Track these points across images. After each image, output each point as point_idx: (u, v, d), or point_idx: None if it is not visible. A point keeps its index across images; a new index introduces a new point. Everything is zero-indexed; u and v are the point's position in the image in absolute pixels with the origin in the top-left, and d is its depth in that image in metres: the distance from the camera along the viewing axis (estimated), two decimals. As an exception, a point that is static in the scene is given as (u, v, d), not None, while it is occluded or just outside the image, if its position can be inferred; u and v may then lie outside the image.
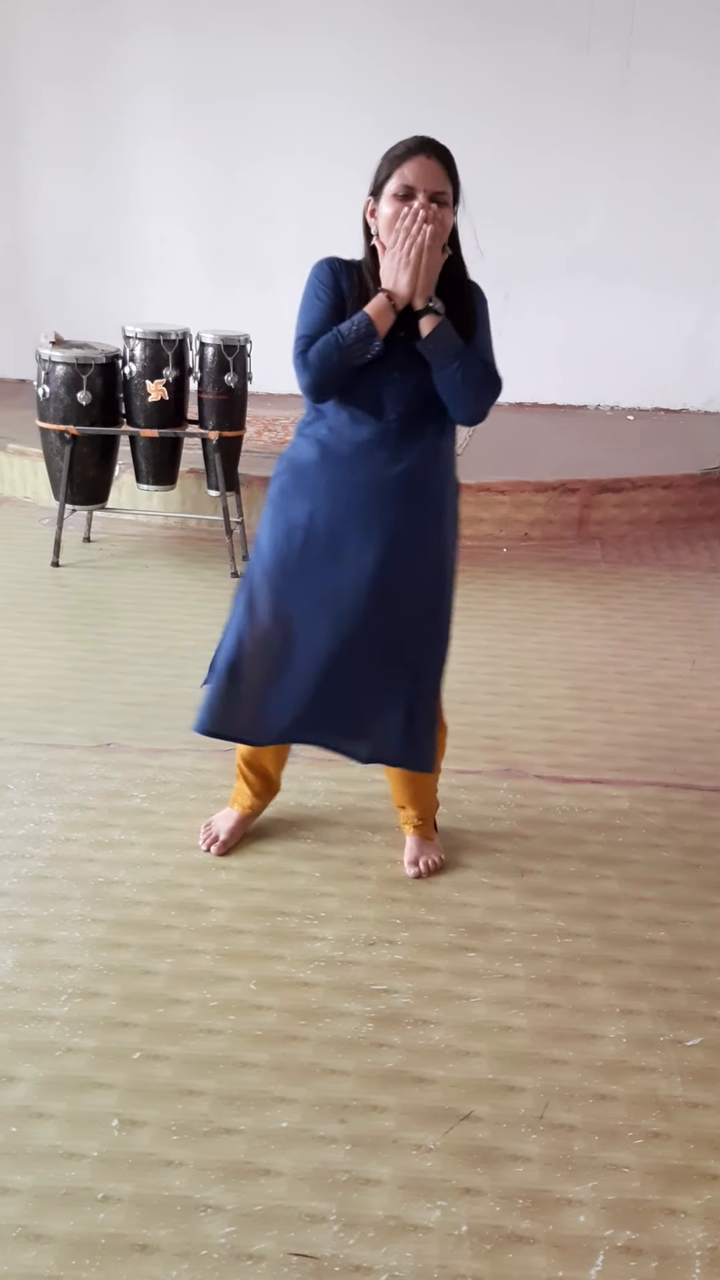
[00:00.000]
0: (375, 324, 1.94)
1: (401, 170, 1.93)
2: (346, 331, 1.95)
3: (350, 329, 1.95)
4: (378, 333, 1.94)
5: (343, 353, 1.95)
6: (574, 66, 5.70)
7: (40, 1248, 1.52)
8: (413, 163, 1.92)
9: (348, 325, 1.95)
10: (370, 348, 1.95)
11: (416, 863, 2.39)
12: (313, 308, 2.02)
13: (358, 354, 1.95)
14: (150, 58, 5.81)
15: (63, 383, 3.93)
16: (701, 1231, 1.59)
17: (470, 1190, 1.64)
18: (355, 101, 5.65)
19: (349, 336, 1.95)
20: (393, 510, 2.05)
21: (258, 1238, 1.55)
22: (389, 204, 1.94)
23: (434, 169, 1.93)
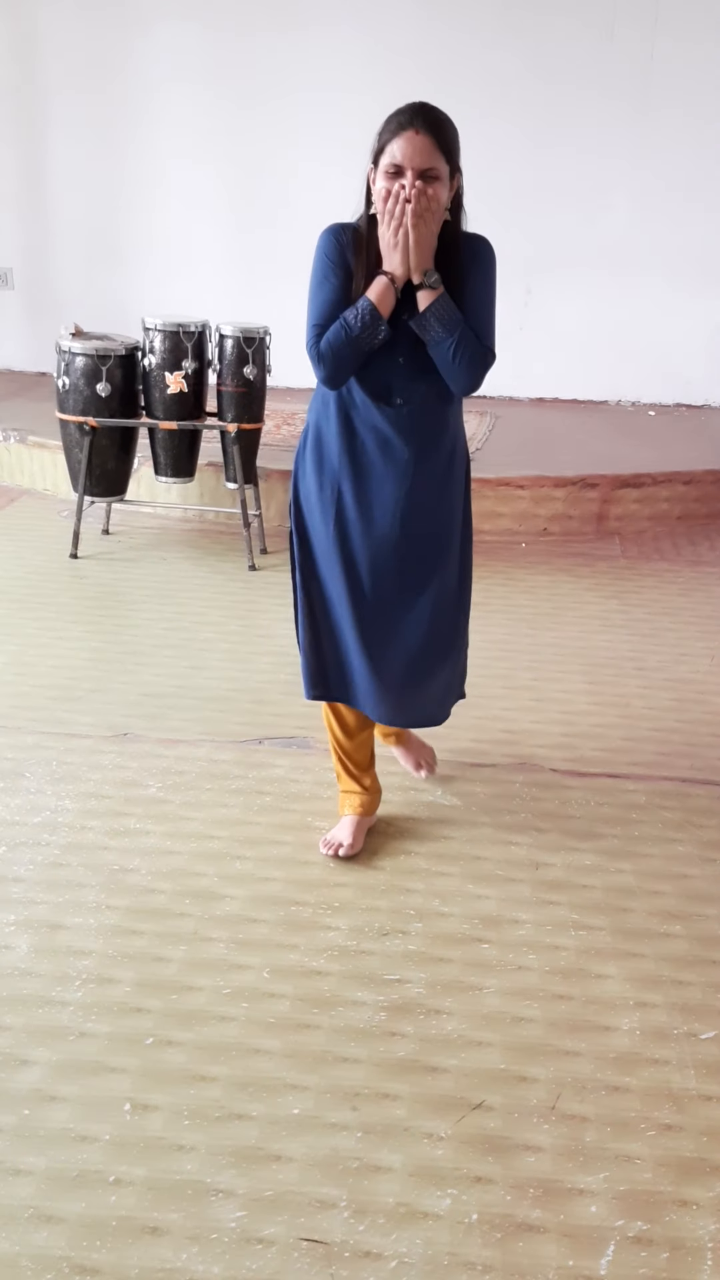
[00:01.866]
0: (379, 308, 1.97)
1: (391, 147, 1.91)
2: (353, 321, 1.98)
3: (356, 318, 1.98)
4: (383, 317, 1.97)
5: (353, 342, 1.98)
6: (597, 57, 5.66)
7: (52, 1229, 1.53)
8: (401, 140, 1.90)
9: (353, 314, 1.98)
10: (378, 333, 1.98)
11: (419, 763, 2.65)
12: (322, 290, 2.03)
13: (366, 341, 1.98)
14: (172, 50, 5.82)
15: (82, 374, 3.95)
16: (714, 1223, 1.58)
17: (481, 1179, 1.64)
18: (377, 93, 5.60)
19: (356, 326, 1.97)
20: (409, 487, 2.13)
21: (268, 1222, 1.55)
22: (382, 178, 1.94)
23: (423, 145, 1.89)
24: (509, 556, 4.35)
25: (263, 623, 3.66)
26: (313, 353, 2.01)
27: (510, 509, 4.57)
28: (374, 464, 2.11)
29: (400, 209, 1.91)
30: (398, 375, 2.05)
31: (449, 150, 1.93)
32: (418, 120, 1.89)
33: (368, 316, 1.97)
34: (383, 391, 2.06)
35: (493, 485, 4.45)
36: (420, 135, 1.89)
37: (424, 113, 1.91)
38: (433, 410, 2.10)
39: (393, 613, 2.20)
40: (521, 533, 4.59)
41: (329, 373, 2.01)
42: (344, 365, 2.01)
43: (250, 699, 3.11)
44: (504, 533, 4.55)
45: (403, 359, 2.04)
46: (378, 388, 2.06)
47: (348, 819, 2.43)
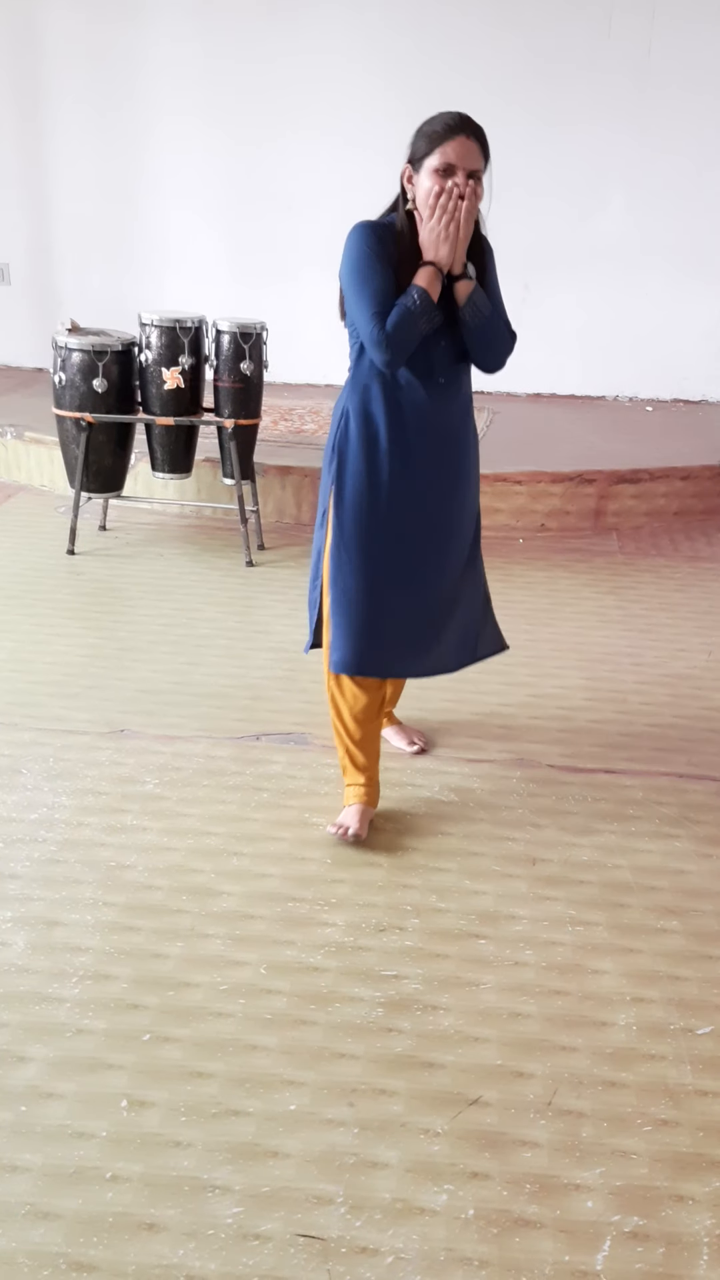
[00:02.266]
0: (430, 294, 2.13)
1: (444, 149, 2.08)
2: (414, 308, 2.12)
3: (415, 305, 2.12)
4: (434, 303, 2.14)
5: (416, 328, 2.13)
6: (595, 50, 5.64)
7: (49, 1225, 1.53)
8: (454, 143, 2.08)
9: (410, 300, 2.12)
10: (434, 318, 2.15)
11: (414, 741, 2.81)
12: (373, 279, 2.15)
13: (425, 326, 2.14)
14: (170, 44, 5.81)
15: (79, 370, 3.94)
16: (710, 1218, 1.59)
17: (478, 1175, 1.64)
18: (375, 88, 5.62)
19: (416, 312, 2.12)
20: (450, 456, 2.33)
21: (265, 1218, 1.56)
22: (429, 178, 2.10)
23: (473, 149, 2.09)
24: (506, 552, 4.35)
25: (260, 619, 3.66)
26: (379, 337, 2.13)
27: (507, 505, 4.56)
28: (420, 437, 2.27)
29: (454, 205, 2.09)
30: (440, 356, 2.23)
31: (487, 155, 2.14)
32: (467, 127, 2.10)
33: (422, 303, 2.12)
34: (428, 371, 2.23)
35: (490, 481, 4.44)
36: (470, 140, 2.09)
37: (470, 121, 2.11)
38: (463, 388, 2.33)
39: (434, 568, 2.38)
40: (519, 528, 4.59)
41: (393, 355, 2.15)
42: (405, 349, 2.15)
43: (248, 695, 3.11)
44: (501, 528, 4.55)
45: (444, 342, 2.22)
46: (424, 367, 2.23)
47: (355, 807, 2.46)
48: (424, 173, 2.11)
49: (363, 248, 2.16)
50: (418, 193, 2.13)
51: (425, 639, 2.42)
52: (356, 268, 2.16)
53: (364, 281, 2.15)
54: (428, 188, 2.11)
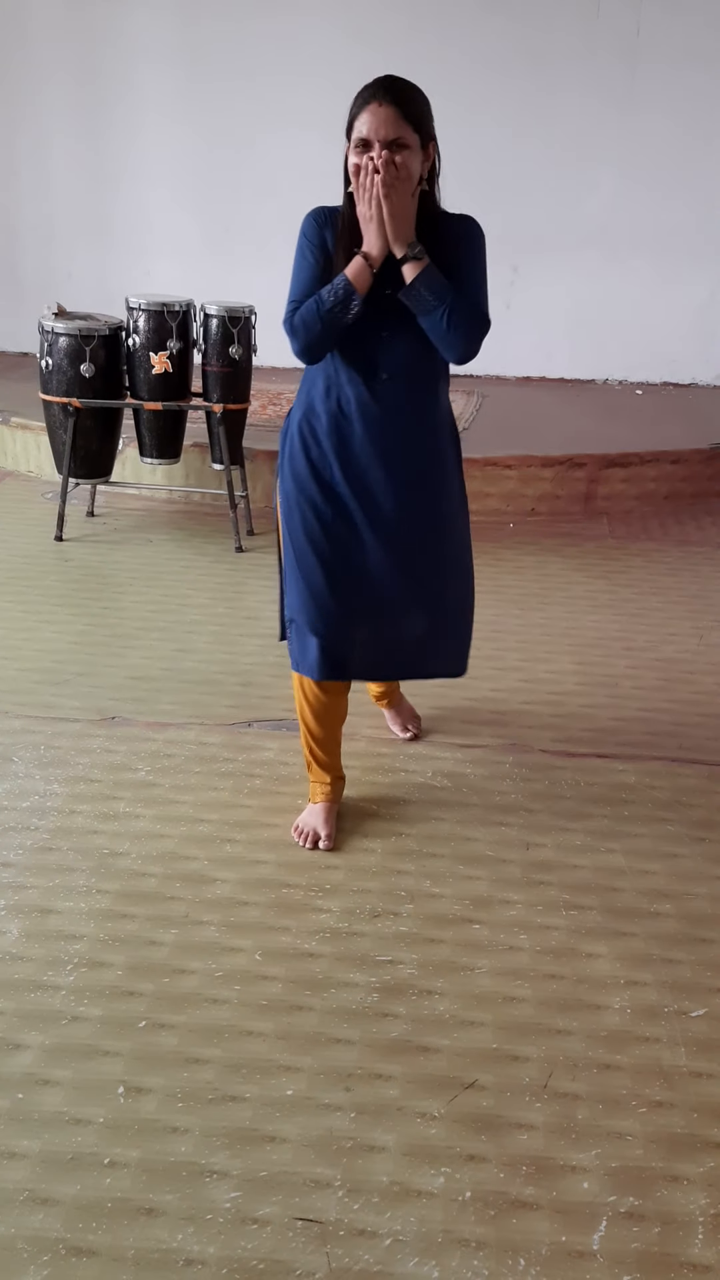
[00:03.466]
0: (354, 283, 1.98)
1: (357, 122, 1.93)
2: (326, 295, 1.99)
3: (329, 293, 1.99)
4: (357, 291, 1.98)
5: (324, 316, 1.99)
6: (583, 35, 5.61)
7: (47, 1211, 1.54)
8: (365, 113, 1.92)
9: (328, 289, 1.99)
10: (350, 308, 1.98)
11: (405, 726, 2.75)
12: (301, 270, 2.06)
13: (339, 315, 1.99)
14: (153, 30, 5.74)
15: (65, 355, 3.91)
16: (704, 1198, 1.60)
17: (474, 1157, 1.65)
18: (359, 70, 5.56)
19: (328, 300, 1.99)
20: (401, 457, 2.16)
21: (263, 1202, 1.56)
22: (353, 154, 1.96)
23: (388, 116, 1.90)
24: (496, 537, 4.35)
25: (250, 604, 3.65)
26: (286, 326, 2.04)
27: (497, 489, 4.56)
28: (363, 438, 2.13)
29: (370, 181, 1.92)
30: (382, 349, 2.07)
31: (417, 119, 1.93)
32: (380, 92, 1.90)
33: (340, 291, 1.98)
34: (368, 366, 2.08)
35: (480, 465, 4.44)
36: (384, 106, 1.89)
37: (387, 84, 1.92)
38: (420, 384, 2.13)
39: (393, 582, 2.24)
40: (509, 513, 4.59)
41: (301, 345, 2.04)
42: (315, 339, 2.02)
43: (238, 681, 3.11)
44: (491, 513, 4.54)
45: (386, 333, 2.06)
46: (362, 363, 2.08)
47: (319, 807, 2.40)
48: (350, 149, 1.97)
49: (300, 237, 2.08)
50: (351, 172, 1.99)
51: (373, 644, 2.30)
52: (294, 258, 2.08)
53: (294, 271, 2.08)
54: (351, 165, 1.97)
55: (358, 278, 1.99)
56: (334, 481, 2.17)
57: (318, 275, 2.04)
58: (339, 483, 2.17)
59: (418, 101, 1.94)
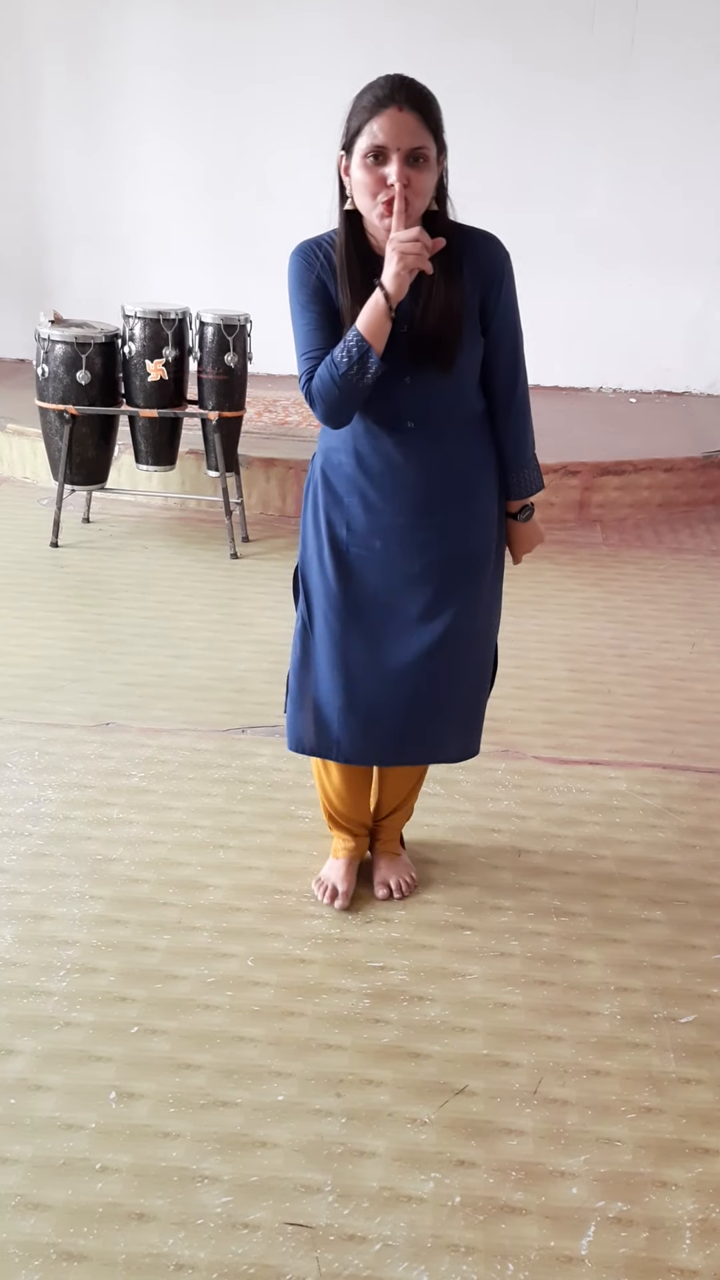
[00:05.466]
0: (369, 338, 1.72)
1: (370, 126, 1.66)
2: (340, 357, 1.73)
3: (343, 354, 1.73)
4: (373, 350, 1.72)
5: (341, 382, 1.74)
6: (578, 45, 5.65)
7: (39, 1216, 1.54)
8: (383, 118, 1.64)
9: (341, 349, 1.74)
10: (368, 367, 1.73)
11: (386, 883, 2.25)
12: (303, 323, 1.82)
13: (357, 377, 1.73)
14: (152, 36, 5.77)
15: (62, 362, 3.92)
16: (692, 1204, 1.61)
17: (464, 1163, 1.66)
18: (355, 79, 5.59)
19: (342, 363, 1.73)
20: (431, 516, 1.91)
21: (253, 1207, 1.57)
22: (361, 168, 1.69)
23: (409, 123, 1.64)
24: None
25: (245, 611, 3.66)
26: (303, 391, 1.81)
27: (492, 497, 4.57)
28: (386, 494, 1.90)
29: (412, 243, 1.65)
30: (405, 396, 1.83)
31: (436, 126, 1.69)
32: (400, 95, 1.64)
33: (354, 350, 1.72)
34: (390, 415, 1.84)
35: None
36: (404, 112, 1.64)
37: (406, 86, 1.66)
38: (449, 432, 1.88)
39: (403, 648, 1.98)
40: (503, 520, 4.60)
41: (324, 415, 1.81)
42: (337, 406, 1.78)
43: (232, 688, 3.12)
44: (486, 520, 4.55)
45: (409, 378, 1.81)
46: (383, 411, 1.84)
47: (341, 862, 2.25)
48: (356, 161, 1.69)
49: (290, 284, 1.83)
50: (354, 188, 1.72)
51: (381, 728, 2.03)
52: (290, 307, 1.83)
53: (295, 323, 1.83)
54: (361, 180, 1.70)
55: (372, 330, 1.71)
56: (351, 542, 1.94)
57: (324, 324, 1.80)
58: (358, 543, 1.94)
59: (435, 105, 1.70)
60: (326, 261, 1.81)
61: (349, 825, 2.26)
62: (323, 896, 2.24)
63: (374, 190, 1.69)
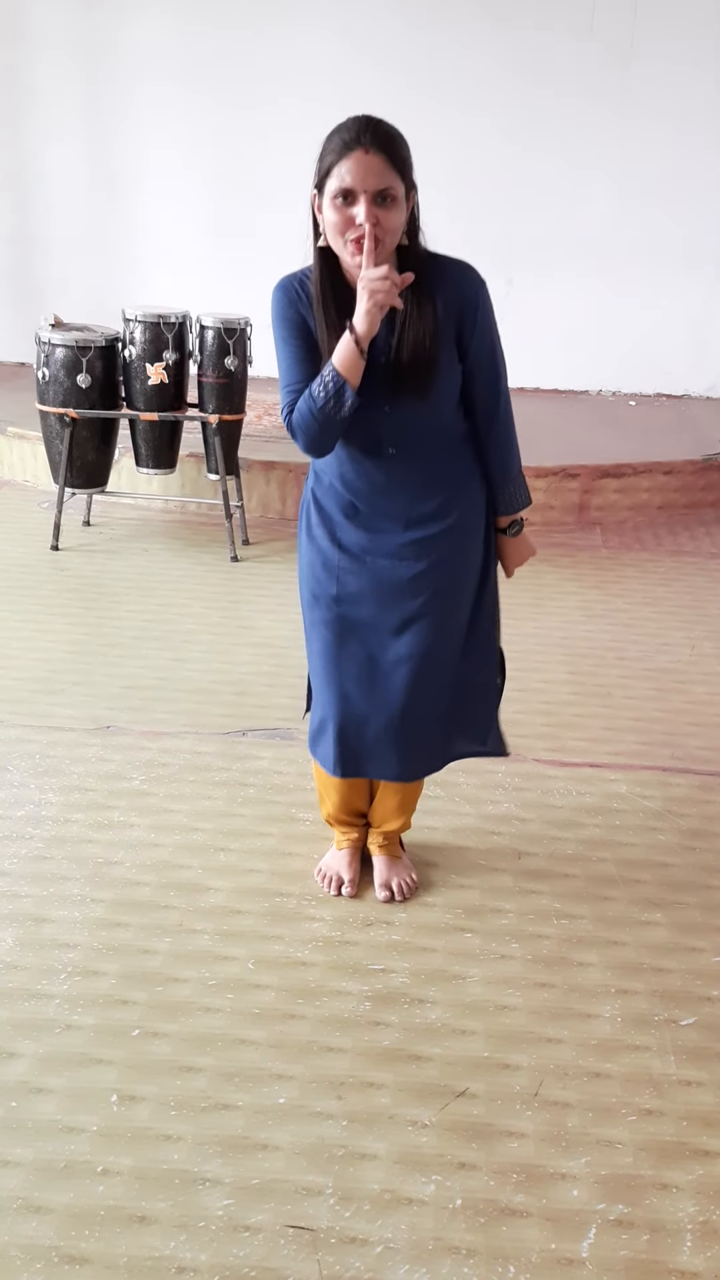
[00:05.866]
0: (343, 374, 1.77)
1: (338, 169, 1.70)
2: (317, 392, 1.79)
3: (320, 389, 1.79)
4: (348, 385, 1.77)
5: (319, 415, 1.80)
6: (577, 50, 5.66)
7: (40, 1219, 1.54)
8: (349, 160, 1.69)
9: (318, 384, 1.79)
10: (344, 402, 1.78)
11: (388, 885, 2.26)
12: (286, 356, 1.87)
13: (334, 411, 1.79)
14: (153, 41, 5.78)
15: (62, 366, 3.93)
16: (693, 1206, 1.61)
17: (465, 1165, 1.66)
18: (356, 86, 5.61)
19: (320, 398, 1.79)
20: (416, 539, 1.96)
21: (255, 1210, 1.57)
22: (331, 208, 1.73)
23: (375, 164, 1.68)
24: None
25: (245, 614, 3.66)
26: (285, 422, 1.87)
27: (492, 500, 4.57)
28: (369, 515, 1.96)
29: (372, 244, 1.71)
30: (384, 424, 1.87)
31: (403, 167, 1.73)
32: (365, 136, 1.68)
33: (331, 386, 1.77)
34: (372, 443, 1.89)
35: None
36: (370, 154, 1.68)
37: (371, 127, 1.70)
38: (428, 455, 1.92)
39: (391, 659, 2.03)
40: (503, 523, 4.60)
41: (305, 446, 1.86)
42: (317, 438, 1.83)
43: (233, 691, 3.12)
44: (485, 523, 4.55)
45: (388, 407, 1.85)
46: (367, 439, 1.89)
47: (344, 852, 2.30)
48: (326, 201, 1.74)
49: (273, 318, 1.88)
50: (326, 227, 1.76)
51: (374, 744, 2.10)
52: (274, 337, 1.89)
53: (279, 356, 1.89)
54: (330, 220, 1.74)
55: (346, 366, 1.76)
56: (342, 560, 1.99)
57: (305, 356, 1.85)
58: (349, 560, 1.99)
59: (402, 146, 1.73)
60: (305, 297, 1.86)
61: (348, 818, 2.30)
62: (328, 888, 2.27)
63: (343, 229, 1.74)
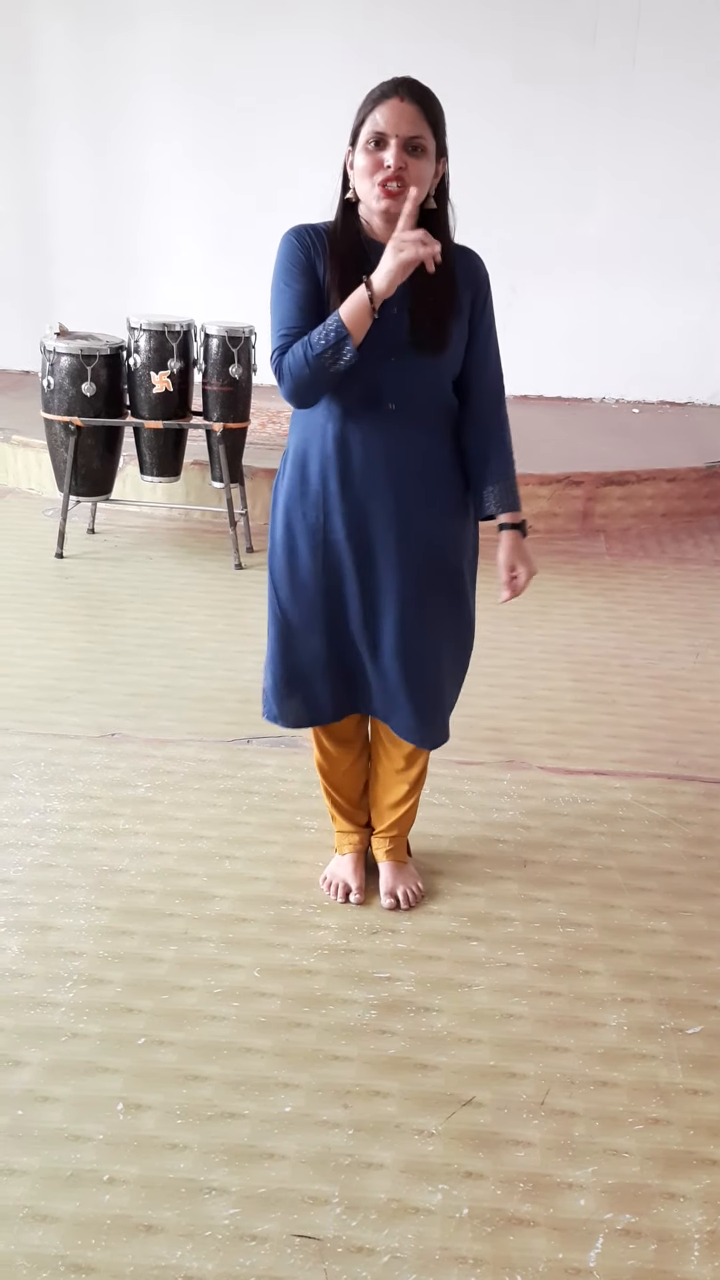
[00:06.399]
0: (349, 327, 1.76)
1: (373, 115, 1.76)
2: (316, 338, 1.77)
3: (320, 335, 1.77)
4: (350, 339, 1.76)
5: (313, 362, 1.78)
6: (580, 59, 5.68)
7: (47, 1228, 1.54)
8: (385, 106, 1.75)
9: (319, 331, 1.78)
10: (342, 354, 1.77)
11: (393, 893, 2.24)
12: (284, 299, 1.86)
13: (329, 362, 1.77)
14: (157, 50, 5.81)
15: (67, 374, 3.94)
16: (700, 1215, 1.61)
17: (472, 1174, 1.66)
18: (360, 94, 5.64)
19: (318, 344, 1.77)
20: (409, 494, 1.94)
21: (261, 1219, 1.57)
22: (362, 153, 1.78)
23: (409, 112, 1.75)
24: (494, 554, 4.36)
25: (249, 621, 3.66)
26: (273, 364, 1.83)
27: (495, 507, 4.58)
28: (363, 477, 1.92)
29: (417, 244, 1.71)
30: (388, 375, 1.86)
31: (435, 122, 1.78)
32: (402, 88, 1.76)
33: (331, 335, 1.76)
34: (371, 394, 1.87)
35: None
36: (405, 102, 1.75)
37: (409, 82, 1.78)
38: (432, 417, 1.93)
39: (381, 634, 2.02)
40: (507, 531, 4.61)
41: (289, 391, 1.83)
42: (305, 385, 1.82)
43: (238, 698, 3.12)
44: (489, 530, 4.55)
45: (395, 359, 1.85)
46: (365, 390, 1.86)
47: (347, 858, 2.29)
48: (359, 147, 1.79)
49: (280, 260, 1.87)
50: (355, 172, 1.81)
51: (353, 684, 2.10)
52: (273, 284, 1.88)
53: (274, 301, 1.87)
54: (360, 165, 1.78)
55: (353, 319, 1.76)
56: (328, 529, 1.96)
57: (307, 303, 1.84)
58: (334, 529, 1.96)
59: (437, 106, 1.80)
60: (319, 243, 1.87)
61: (351, 807, 2.29)
62: (334, 895, 2.26)
63: (372, 171, 1.78)
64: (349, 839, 2.31)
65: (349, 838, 2.31)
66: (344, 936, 2.16)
